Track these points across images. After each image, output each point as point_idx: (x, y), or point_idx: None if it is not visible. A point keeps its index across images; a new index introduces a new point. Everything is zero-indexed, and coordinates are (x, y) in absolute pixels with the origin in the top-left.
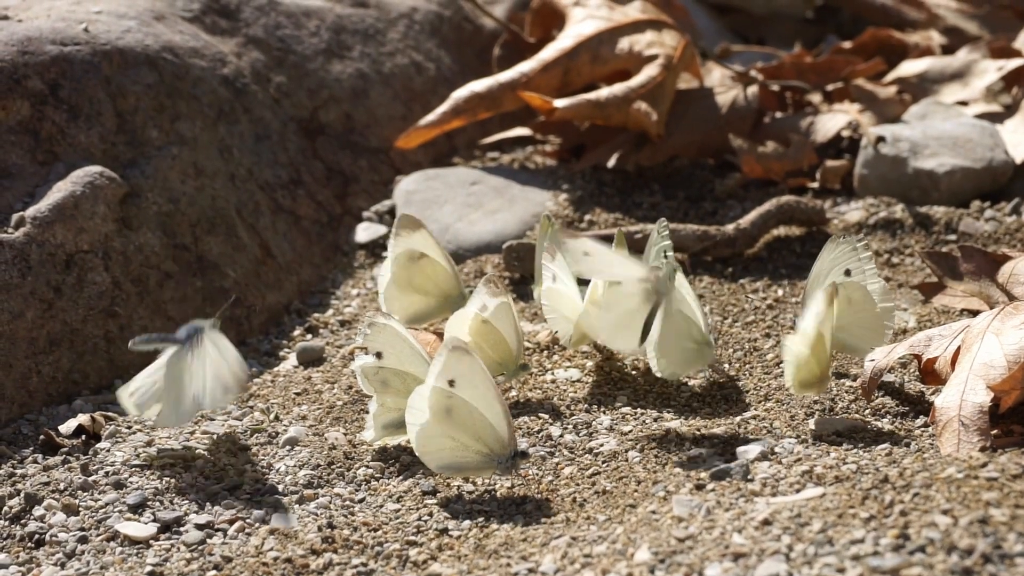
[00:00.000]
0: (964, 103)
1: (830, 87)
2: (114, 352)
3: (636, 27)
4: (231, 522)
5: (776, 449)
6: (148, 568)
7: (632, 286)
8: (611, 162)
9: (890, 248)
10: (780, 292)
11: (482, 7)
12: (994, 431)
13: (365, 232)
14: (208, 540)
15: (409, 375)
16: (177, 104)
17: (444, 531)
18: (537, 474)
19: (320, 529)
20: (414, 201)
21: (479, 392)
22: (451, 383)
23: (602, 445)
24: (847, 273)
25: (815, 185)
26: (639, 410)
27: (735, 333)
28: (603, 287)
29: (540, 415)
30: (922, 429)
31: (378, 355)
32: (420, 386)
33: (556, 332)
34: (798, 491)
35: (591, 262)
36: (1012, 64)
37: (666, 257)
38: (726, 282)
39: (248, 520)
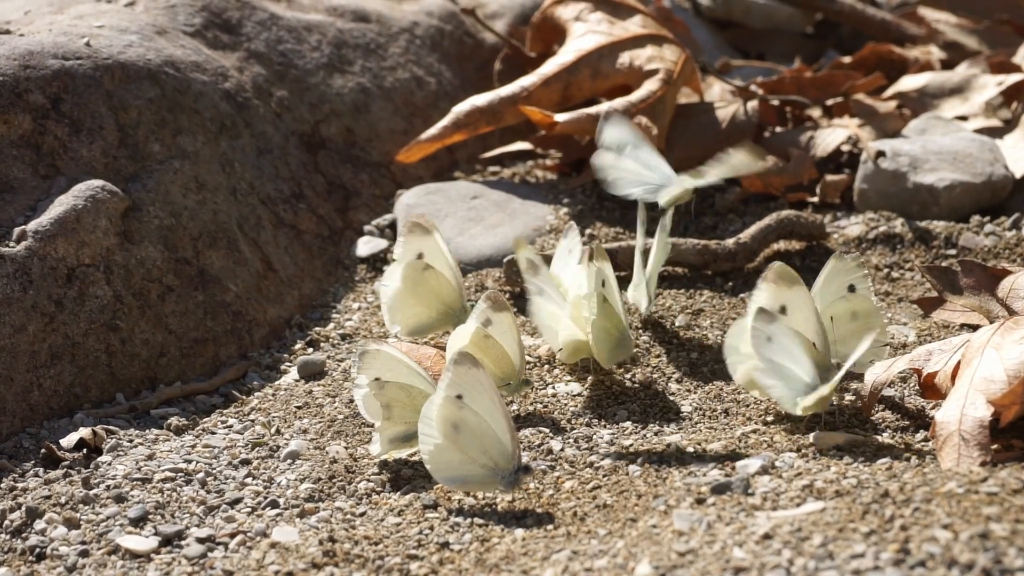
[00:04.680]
0: (964, 118)
1: (830, 102)
2: (115, 365)
3: (636, 42)
4: (232, 536)
5: (776, 463)
6: None
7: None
8: None
9: (890, 263)
10: None
11: (483, 21)
12: (994, 446)
13: (366, 246)
14: (209, 554)
15: (414, 388)
16: (179, 118)
17: (445, 545)
18: (538, 488)
19: (321, 543)
20: (416, 214)
21: (486, 405)
22: (459, 397)
23: (603, 459)
24: (851, 289)
25: (815, 200)
26: (639, 424)
27: None
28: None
29: (541, 429)
30: (922, 443)
31: (376, 380)
32: (433, 396)
33: (550, 346)
34: (799, 505)
35: None
36: (1011, 79)
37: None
38: (726, 296)
39: (249, 534)
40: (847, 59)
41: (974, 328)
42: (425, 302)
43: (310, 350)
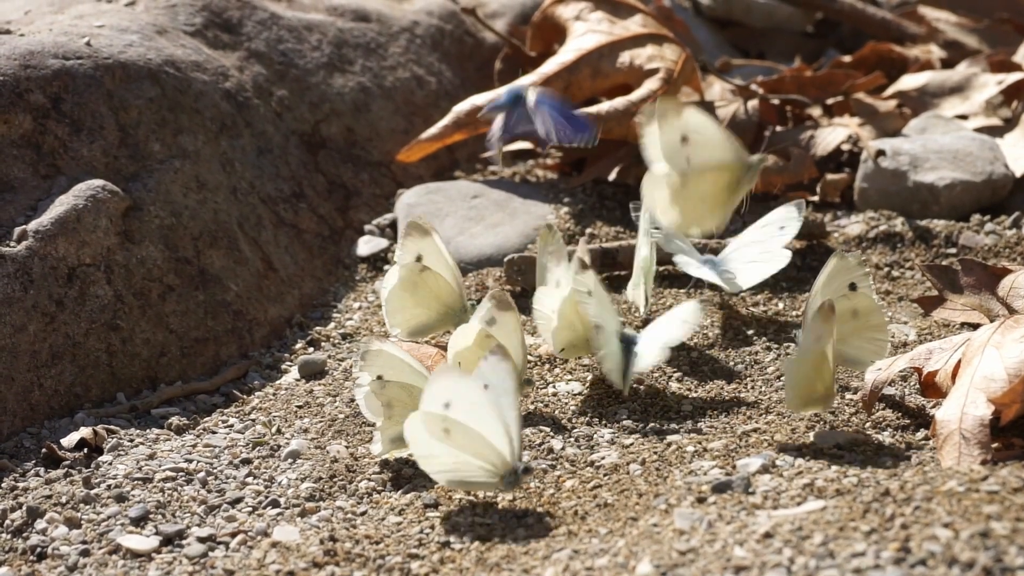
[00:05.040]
0: (964, 117)
1: (830, 101)
2: (116, 365)
3: (637, 41)
4: (233, 535)
5: (777, 462)
6: None
7: None
8: (612, 175)
9: (890, 262)
10: (781, 305)
11: (483, 21)
12: (995, 444)
13: (367, 245)
14: (210, 553)
15: (415, 388)
16: (179, 118)
17: (446, 544)
18: (539, 487)
19: (322, 542)
20: (415, 215)
21: (474, 412)
22: (447, 405)
23: (603, 458)
24: (852, 287)
25: (815, 199)
26: (640, 423)
27: (736, 346)
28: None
29: (541, 428)
30: (923, 442)
31: (378, 378)
32: (415, 412)
33: (545, 341)
34: (799, 504)
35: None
36: (1012, 78)
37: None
38: (727, 295)
39: (250, 533)
40: (847, 58)
41: (974, 327)
42: (424, 303)
43: (311, 349)
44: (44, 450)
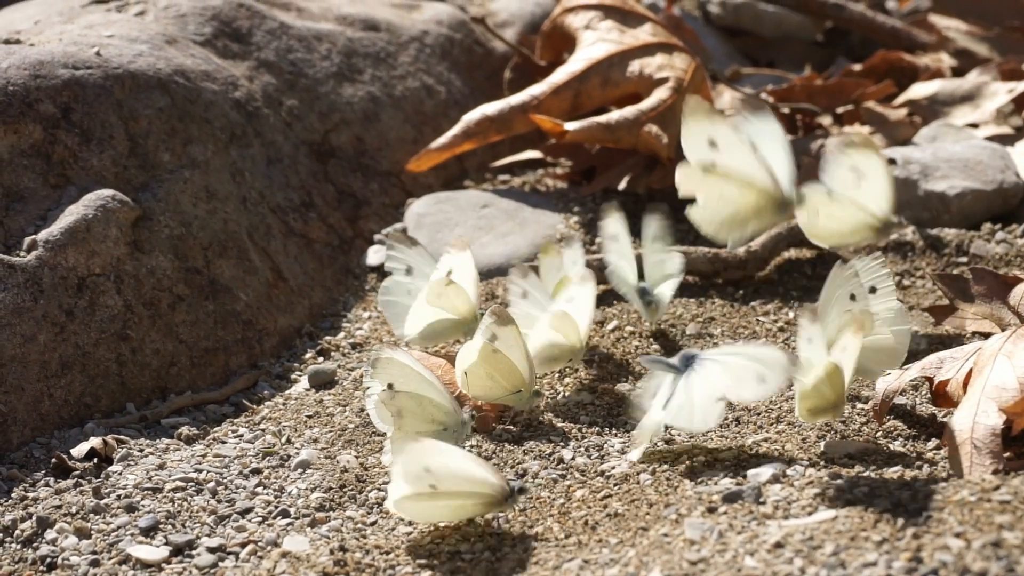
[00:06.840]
0: (975, 125)
1: (840, 109)
2: (126, 375)
3: (646, 50)
4: (243, 545)
5: (788, 471)
6: None
7: None
8: (622, 185)
9: (901, 271)
10: (791, 315)
11: (493, 30)
12: (1006, 454)
13: (376, 255)
14: (220, 563)
15: (425, 398)
16: (189, 127)
17: (456, 554)
18: (549, 497)
19: (332, 552)
20: (425, 224)
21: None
22: (427, 470)
23: (614, 468)
24: (852, 298)
25: None
26: None
27: None
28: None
29: (551, 438)
30: (934, 452)
31: (389, 387)
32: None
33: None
34: (810, 514)
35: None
36: (1022, 86)
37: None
38: (737, 305)
39: (260, 543)
40: (857, 67)
41: (986, 336)
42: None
43: (320, 359)
44: (54, 460)
